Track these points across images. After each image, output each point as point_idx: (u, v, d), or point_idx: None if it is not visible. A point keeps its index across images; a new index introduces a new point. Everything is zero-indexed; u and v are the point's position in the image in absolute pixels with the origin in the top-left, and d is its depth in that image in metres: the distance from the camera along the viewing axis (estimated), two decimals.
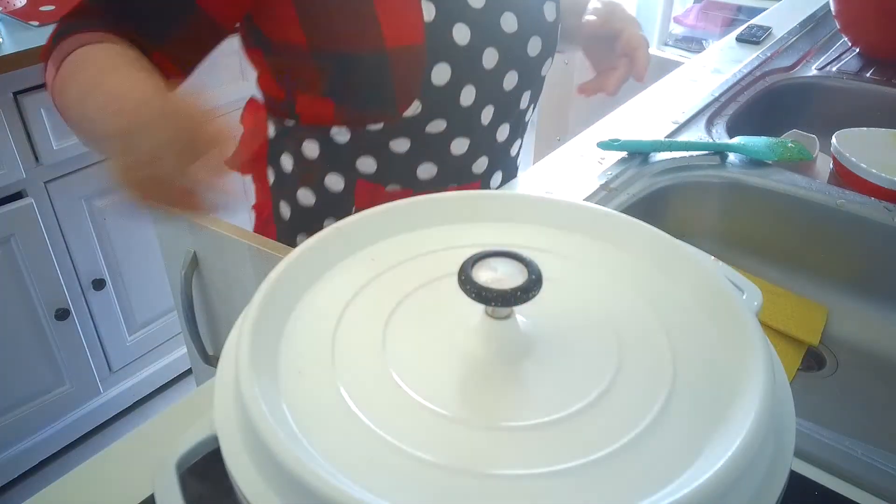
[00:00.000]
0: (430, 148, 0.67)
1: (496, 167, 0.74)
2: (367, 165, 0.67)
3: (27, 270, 1.41)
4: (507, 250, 0.38)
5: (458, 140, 0.67)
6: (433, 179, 0.69)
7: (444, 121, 0.65)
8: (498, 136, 0.71)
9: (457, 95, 0.63)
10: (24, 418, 1.52)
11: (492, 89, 0.66)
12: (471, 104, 0.65)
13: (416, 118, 0.63)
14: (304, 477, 0.29)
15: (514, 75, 0.68)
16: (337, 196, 0.70)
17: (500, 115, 0.69)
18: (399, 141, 0.66)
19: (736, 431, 0.31)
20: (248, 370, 0.34)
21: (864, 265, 0.81)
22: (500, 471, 0.32)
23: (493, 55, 0.64)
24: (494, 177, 0.75)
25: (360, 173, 0.68)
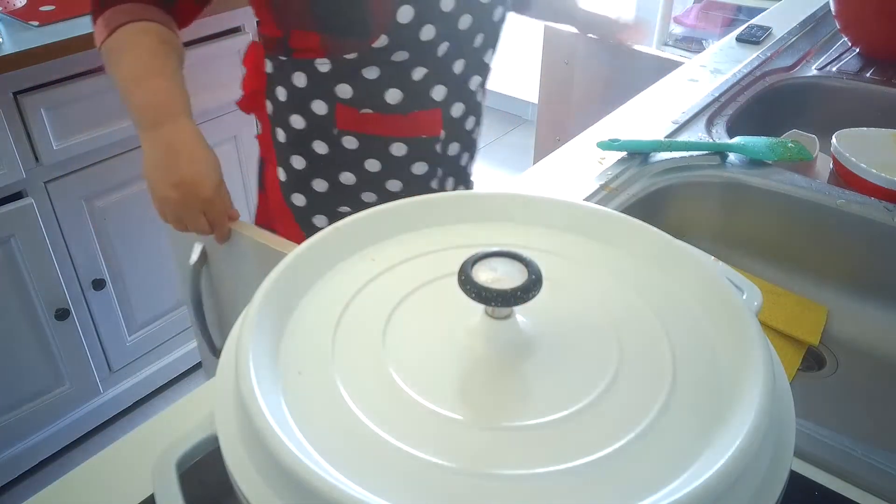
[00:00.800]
0: (395, 75, 0.79)
1: (456, 97, 0.84)
2: (344, 91, 0.80)
3: (27, 270, 1.41)
4: (507, 250, 0.38)
5: (418, 69, 0.79)
6: (399, 104, 0.81)
7: (407, 52, 0.77)
8: (455, 69, 0.82)
9: (418, 32, 0.75)
10: (24, 418, 1.52)
11: (448, 28, 0.78)
12: (430, 39, 0.77)
13: (383, 49, 0.76)
14: (304, 477, 0.29)
15: (468, 18, 0.79)
16: (321, 118, 0.82)
17: (455, 50, 0.81)
18: (370, 69, 0.78)
19: (736, 431, 0.31)
20: (248, 370, 0.34)
21: (864, 265, 0.81)
22: (501, 471, 0.32)
23: (451, 0, 0.76)
24: (455, 107, 0.85)
25: (339, 98, 0.81)
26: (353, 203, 0.87)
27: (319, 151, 0.85)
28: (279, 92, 0.84)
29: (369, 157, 0.84)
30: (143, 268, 1.63)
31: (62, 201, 1.43)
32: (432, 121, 0.84)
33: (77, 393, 1.60)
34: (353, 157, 0.84)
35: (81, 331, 1.55)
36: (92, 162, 1.44)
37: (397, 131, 0.83)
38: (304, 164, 0.86)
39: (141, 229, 1.58)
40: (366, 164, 0.84)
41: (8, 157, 1.30)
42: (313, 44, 0.78)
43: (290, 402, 0.35)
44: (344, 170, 0.85)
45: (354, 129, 0.83)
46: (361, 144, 0.83)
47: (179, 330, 1.77)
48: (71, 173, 1.42)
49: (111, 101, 1.40)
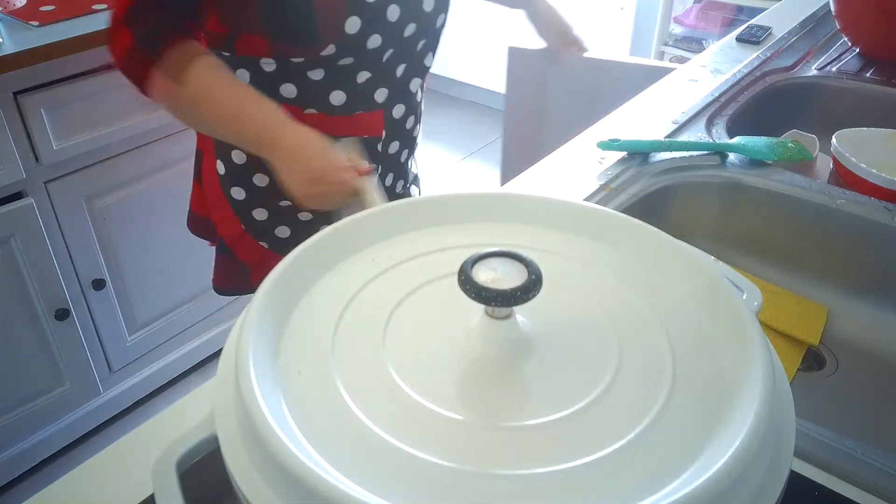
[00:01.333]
0: (340, 77, 0.81)
1: (397, 99, 0.87)
2: (289, 91, 0.81)
3: (27, 270, 1.41)
4: (507, 250, 0.38)
5: (362, 73, 0.82)
6: (343, 105, 0.83)
7: (353, 58, 0.79)
8: (397, 73, 0.85)
9: (365, 41, 0.78)
10: (24, 418, 1.52)
11: (393, 36, 0.80)
12: (376, 47, 0.79)
13: (330, 55, 0.78)
14: (303, 477, 0.29)
15: (412, 26, 0.82)
16: None
17: (398, 55, 0.83)
18: (315, 71, 0.80)
19: (736, 431, 0.31)
20: (248, 370, 0.34)
21: (864, 265, 0.81)
22: (501, 470, 0.32)
23: (396, 10, 0.79)
24: (397, 108, 0.88)
25: (284, 97, 0.81)
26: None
27: None
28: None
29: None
30: (143, 268, 1.63)
31: (62, 201, 1.43)
32: (374, 122, 0.86)
33: (77, 393, 1.60)
34: None
35: (81, 331, 1.55)
36: (92, 162, 1.44)
37: (340, 131, 0.84)
38: (245, 159, 0.88)
39: (141, 229, 1.58)
40: None
41: (8, 157, 1.30)
42: (261, 47, 0.79)
43: (290, 402, 0.35)
44: None
45: None
46: None
47: (179, 330, 1.77)
48: (71, 173, 1.42)
49: (111, 101, 1.40)
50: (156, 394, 1.78)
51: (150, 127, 1.49)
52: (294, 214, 0.92)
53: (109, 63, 0.75)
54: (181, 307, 1.75)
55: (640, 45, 2.75)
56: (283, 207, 0.91)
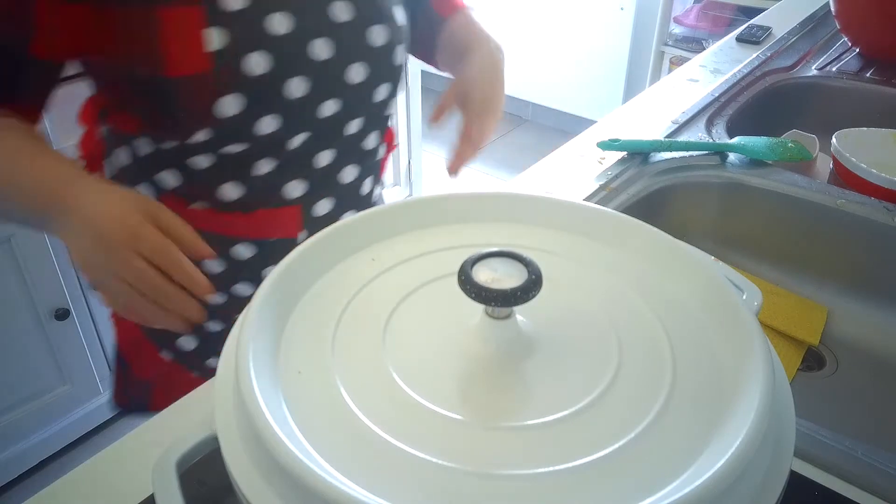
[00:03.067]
0: (231, 167, 0.63)
1: (321, 193, 0.68)
2: (168, 180, 0.65)
3: (27, 270, 1.41)
4: (507, 250, 0.38)
5: (263, 161, 0.63)
6: (238, 201, 0.65)
7: (244, 144, 0.61)
8: (318, 162, 0.66)
9: (253, 123, 0.60)
10: (24, 418, 1.52)
11: (304, 117, 0.62)
12: (275, 131, 0.61)
13: (210, 141, 0.60)
14: (303, 477, 0.29)
15: (335, 103, 0.64)
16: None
17: (317, 140, 0.65)
18: (198, 158, 0.62)
19: (736, 431, 0.31)
20: (248, 370, 0.34)
21: (864, 265, 0.81)
22: (501, 471, 0.32)
23: (302, 84, 0.60)
24: (322, 203, 0.69)
25: (162, 188, 0.65)
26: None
27: None
28: (107, 166, 0.70)
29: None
30: None
31: None
32: (286, 220, 0.67)
33: (77, 393, 1.60)
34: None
35: (81, 331, 1.55)
36: None
37: (239, 231, 0.67)
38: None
39: None
40: (203, 264, 0.67)
41: None
42: (131, 124, 0.64)
43: (290, 402, 0.35)
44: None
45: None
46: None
47: None
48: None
49: None
50: None
51: None
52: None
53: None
54: None
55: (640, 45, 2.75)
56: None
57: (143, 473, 0.48)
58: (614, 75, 2.86)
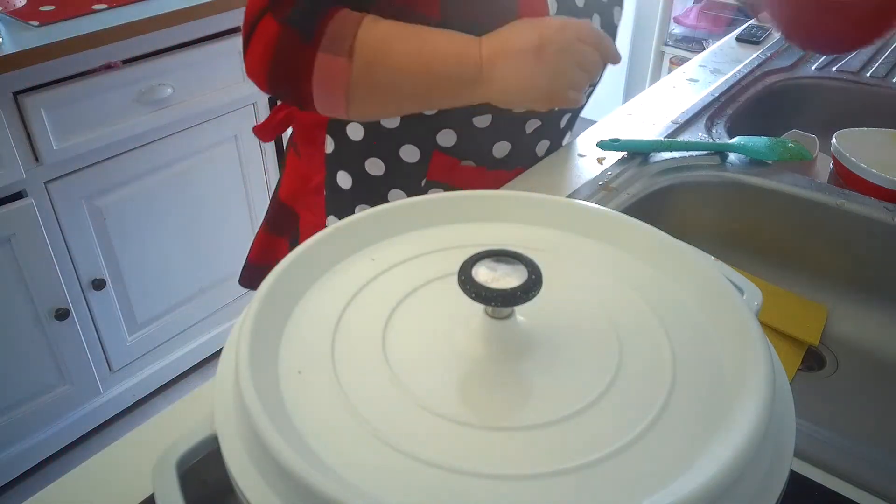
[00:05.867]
0: (507, 126, 0.70)
1: (553, 151, 0.79)
2: (447, 139, 0.69)
3: (27, 270, 1.41)
4: (507, 250, 0.38)
5: (531, 121, 0.71)
6: (505, 158, 0.72)
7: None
8: (561, 122, 0.76)
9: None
10: (24, 418, 1.52)
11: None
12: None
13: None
14: (303, 477, 0.29)
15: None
16: (410, 166, 0.71)
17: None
18: (482, 117, 0.68)
19: (736, 431, 0.31)
20: (248, 370, 0.34)
21: (864, 265, 0.81)
22: (500, 471, 0.32)
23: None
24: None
25: (439, 146, 0.70)
26: None
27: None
28: (351, 130, 0.72)
29: None
30: (143, 268, 1.63)
31: (62, 201, 1.43)
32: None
33: (77, 393, 1.60)
34: None
35: (81, 331, 1.55)
36: (92, 162, 1.44)
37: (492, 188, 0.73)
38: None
39: (141, 229, 1.58)
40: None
41: (8, 157, 1.30)
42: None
43: (290, 402, 0.35)
44: None
45: (447, 182, 0.72)
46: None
47: (179, 330, 1.77)
48: (71, 173, 1.42)
49: (111, 101, 1.40)
50: (156, 394, 1.78)
51: (150, 127, 1.49)
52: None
53: (110, 63, 0.67)
54: (181, 307, 1.75)
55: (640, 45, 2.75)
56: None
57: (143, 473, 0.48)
58: (614, 75, 2.85)
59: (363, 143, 0.72)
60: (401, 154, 0.71)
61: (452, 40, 0.60)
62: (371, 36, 0.59)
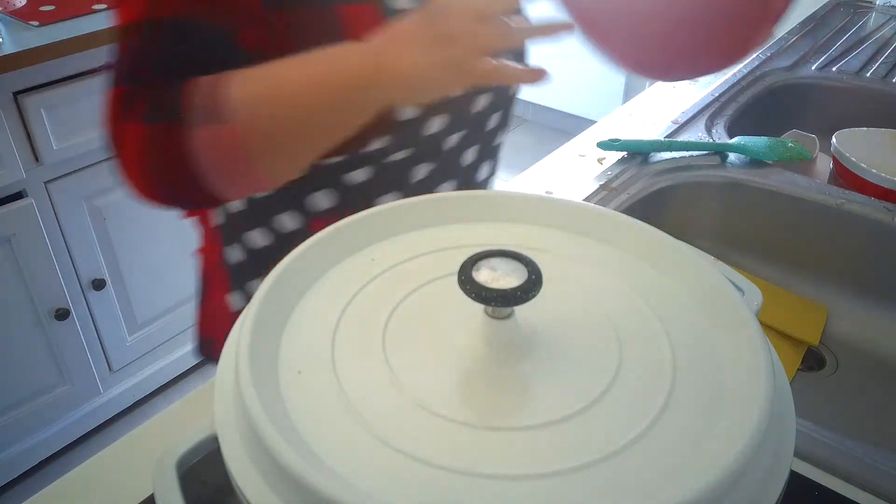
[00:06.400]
0: (390, 178, 0.62)
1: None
2: (323, 201, 0.62)
3: (27, 270, 1.41)
4: (507, 250, 0.38)
5: (422, 166, 0.63)
6: None
7: (407, 151, 0.61)
8: (463, 160, 0.67)
9: (423, 124, 0.60)
10: (24, 418, 1.52)
11: (461, 115, 0.63)
12: (439, 131, 0.61)
13: (380, 150, 0.59)
14: (303, 477, 0.29)
15: (486, 97, 0.65)
16: (294, 235, 0.64)
17: (468, 139, 0.65)
18: (357, 173, 0.60)
19: (736, 431, 0.31)
20: (248, 370, 0.34)
21: (864, 265, 0.81)
22: (500, 471, 0.32)
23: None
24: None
25: (317, 209, 0.62)
26: None
27: None
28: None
29: None
30: (143, 268, 1.63)
31: (62, 201, 1.43)
32: None
33: (77, 393, 1.60)
34: None
35: (81, 331, 1.55)
36: (92, 162, 1.44)
37: None
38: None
39: (141, 229, 1.58)
40: None
41: (8, 157, 1.30)
42: None
43: (290, 402, 0.35)
44: None
45: None
46: None
47: (179, 330, 1.77)
48: (71, 173, 1.42)
49: None
50: (156, 394, 1.78)
51: None
52: None
53: (109, 64, 0.58)
54: (181, 307, 1.75)
55: None
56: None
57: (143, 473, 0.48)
58: (614, 75, 2.85)
59: (246, 214, 0.66)
60: (282, 222, 0.64)
61: (332, 52, 0.51)
62: (243, 88, 0.51)
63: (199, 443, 0.35)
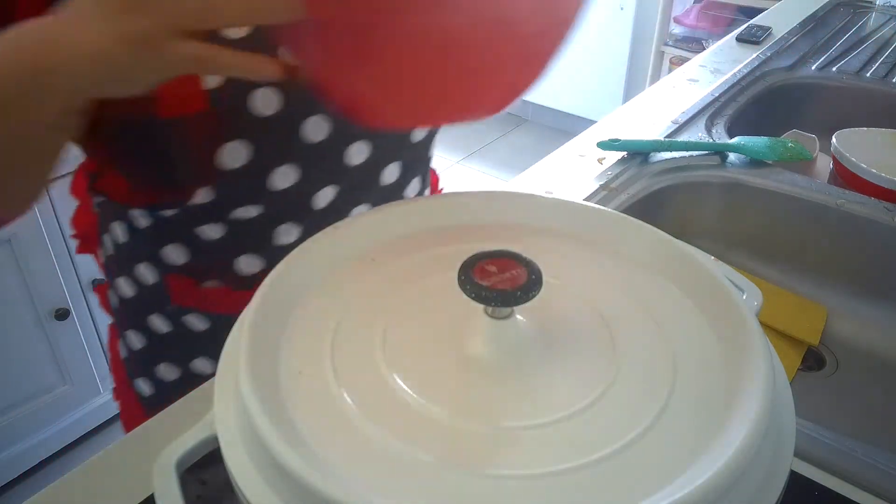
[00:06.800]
0: (247, 236, 0.54)
1: None
2: (176, 255, 0.56)
3: (27, 270, 1.41)
4: (507, 250, 0.38)
5: (284, 227, 0.55)
6: (259, 275, 0.55)
7: (258, 206, 0.53)
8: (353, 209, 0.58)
9: (265, 176, 0.51)
10: (24, 418, 1.52)
11: (326, 166, 0.53)
12: (293, 185, 0.52)
13: (217, 203, 0.51)
14: (303, 477, 0.29)
15: (365, 146, 0.54)
16: (153, 289, 0.59)
17: (349, 194, 0.56)
18: (208, 227, 0.53)
19: (736, 431, 0.31)
20: (248, 370, 0.34)
21: (864, 265, 0.81)
22: (500, 471, 0.32)
23: (324, 124, 0.51)
24: None
25: (170, 264, 0.57)
26: None
27: (158, 329, 0.61)
28: (106, 240, 0.62)
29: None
30: None
31: (62, 201, 1.43)
32: None
33: (77, 392, 1.60)
34: (205, 341, 0.60)
35: (81, 331, 1.55)
36: None
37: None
38: (145, 342, 0.63)
39: None
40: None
41: None
42: (122, 189, 0.55)
43: (290, 402, 0.35)
44: (196, 355, 0.62)
45: (196, 307, 0.59)
46: (214, 326, 0.59)
47: None
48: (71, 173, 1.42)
49: None
50: None
51: None
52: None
53: None
54: None
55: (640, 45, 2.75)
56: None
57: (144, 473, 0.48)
58: (614, 75, 2.85)
59: (114, 258, 0.62)
60: (140, 273, 0.59)
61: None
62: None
63: (199, 443, 0.35)
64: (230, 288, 0.57)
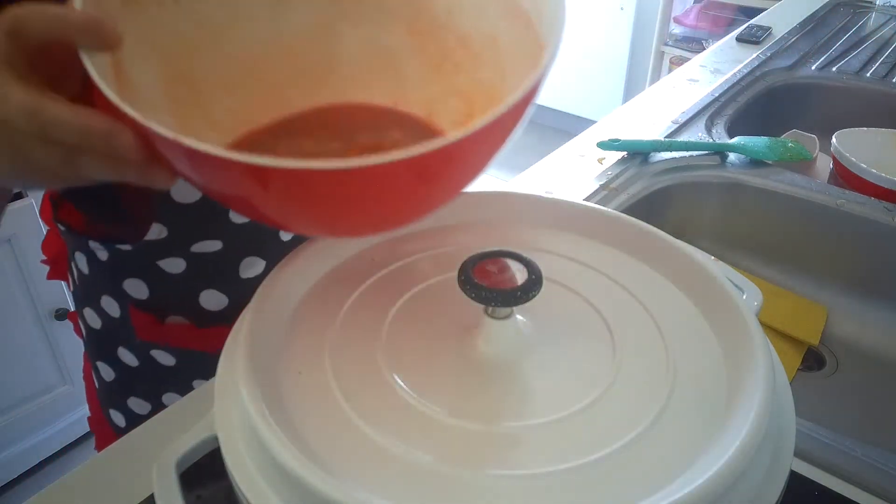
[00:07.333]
0: (210, 270, 0.53)
1: None
2: (137, 290, 0.55)
3: (27, 270, 1.41)
4: (507, 250, 0.38)
5: (248, 260, 0.54)
6: (225, 311, 0.55)
7: (218, 241, 0.51)
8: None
9: (220, 210, 0.50)
10: (24, 418, 1.52)
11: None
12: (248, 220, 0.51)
13: (174, 238, 0.50)
14: (303, 477, 0.29)
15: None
16: (118, 322, 0.58)
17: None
18: (171, 261, 0.52)
19: (736, 431, 0.31)
20: (248, 370, 0.34)
21: (864, 265, 0.81)
22: (501, 471, 0.32)
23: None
24: None
25: (132, 298, 0.56)
26: None
27: (129, 362, 0.60)
28: (73, 268, 0.61)
29: (197, 376, 0.60)
30: None
31: None
32: None
33: (78, 392, 1.60)
34: (174, 375, 0.60)
35: None
36: None
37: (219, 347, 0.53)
38: (113, 376, 0.62)
39: None
40: (194, 384, 0.60)
41: None
42: (79, 220, 0.54)
43: (290, 403, 0.35)
44: (165, 390, 0.61)
45: (159, 342, 0.58)
46: (180, 362, 0.59)
47: None
48: None
49: None
50: None
51: None
52: None
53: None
54: None
55: (640, 45, 2.75)
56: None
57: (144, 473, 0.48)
58: (614, 75, 2.85)
59: (81, 288, 0.61)
60: (105, 304, 0.58)
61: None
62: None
63: (199, 443, 0.35)
64: (194, 325, 0.56)
